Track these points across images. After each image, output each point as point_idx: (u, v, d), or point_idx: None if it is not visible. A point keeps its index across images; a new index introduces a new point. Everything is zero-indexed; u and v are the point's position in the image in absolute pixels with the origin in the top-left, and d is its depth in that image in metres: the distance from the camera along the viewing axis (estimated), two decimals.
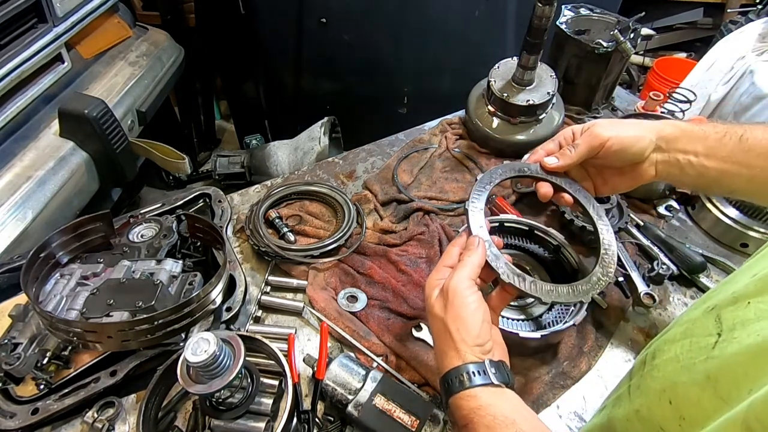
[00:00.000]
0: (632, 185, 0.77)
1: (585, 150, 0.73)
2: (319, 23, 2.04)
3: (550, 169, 0.77)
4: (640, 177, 0.75)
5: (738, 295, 0.48)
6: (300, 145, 2.10)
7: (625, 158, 0.73)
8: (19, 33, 1.41)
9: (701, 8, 3.28)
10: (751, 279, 0.48)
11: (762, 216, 0.99)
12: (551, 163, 0.76)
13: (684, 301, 0.93)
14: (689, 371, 0.48)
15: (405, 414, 0.69)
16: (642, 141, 0.71)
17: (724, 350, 0.45)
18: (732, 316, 0.47)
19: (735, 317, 0.46)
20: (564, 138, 0.78)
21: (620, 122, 0.75)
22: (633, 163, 0.74)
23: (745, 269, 0.54)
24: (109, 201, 1.80)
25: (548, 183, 0.77)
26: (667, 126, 0.73)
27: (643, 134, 0.71)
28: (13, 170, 1.35)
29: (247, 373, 0.69)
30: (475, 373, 0.58)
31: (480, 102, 1.26)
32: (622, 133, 0.71)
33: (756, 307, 0.45)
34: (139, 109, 1.77)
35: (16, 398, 0.72)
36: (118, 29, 1.87)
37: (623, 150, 0.71)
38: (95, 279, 0.81)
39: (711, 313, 0.50)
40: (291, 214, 1.06)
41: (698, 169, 0.70)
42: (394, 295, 0.91)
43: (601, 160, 0.75)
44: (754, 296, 0.46)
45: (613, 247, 0.74)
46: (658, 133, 0.72)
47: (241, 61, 2.42)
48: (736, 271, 0.58)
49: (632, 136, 0.71)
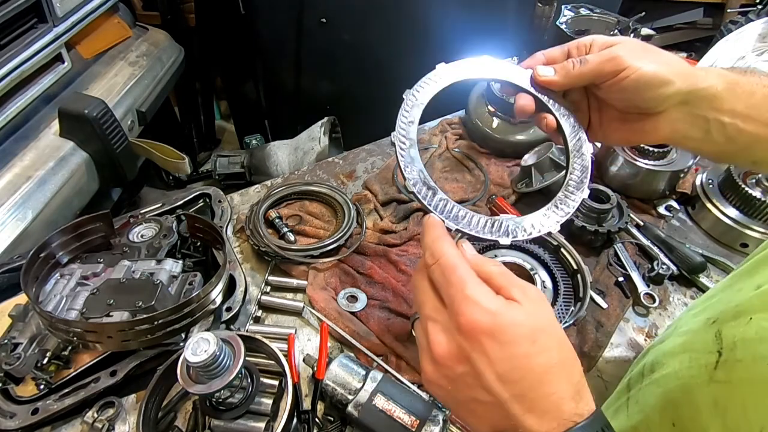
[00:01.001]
0: (632, 140, 0.62)
1: (593, 71, 0.56)
2: (319, 23, 2.04)
3: (541, 83, 0.60)
4: (645, 133, 0.59)
5: (741, 309, 0.44)
6: (300, 145, 2.10)
7: (635, 101, 0.56)
8: (19, 33, 1.41)
9: (701, 8, 3.28)
10: (755, 292, 0.45)
11: (762, 216, 0.99)
12: (544, 74, 0.59)
13: (684, 301, 0.93)
14: (692, 392, 0.45)
15: (405, 414, 0.69)
16: (667, 87, 0.54)
17: (730, 373, 0.42)
18: (733, 333, 0.44)
19: (735, 334, 0.43)
20: (577, 47, 0.59)
21: (652, 52, 0.56)
22: (642, 113, 0.58)
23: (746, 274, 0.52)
24: (109, 201, 1.80)
25: (531, 96, 0.61)
26: (710, 76, 0.55)
27: (671, 78, 0.54)
28: (13, 170, 1.35)
29: (247, 373, 0.69)
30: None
31: (480, 102, 1.26)
32: (646, 66, 0.53)
33: (758, 324, 0.41)
34: (139, 109, 1.77)
35: (16, 398, 0.72)
36: (118, 29, 1.87)
37: (637, 89, 0.54)
38: (95, 279, 0.81)
39: (711, 327, 0.47)
40: (291, 214, 1.06)
41: (729, 134, 0.55)
42: (394, 295, 0.91)
43: (604, 93, 0.58)
44: (758, 311, 0.42)
45: (574, 203, 0.58)
46: (693, 83, 0.54)
47: (241, 61, 2.41)
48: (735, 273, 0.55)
49: (657, 75, 0.53)
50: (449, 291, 0.43)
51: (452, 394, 0.43)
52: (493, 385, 0.40)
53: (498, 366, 0.40)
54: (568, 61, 0.58)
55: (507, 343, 0.40)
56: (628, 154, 1.07)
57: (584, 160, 0.60)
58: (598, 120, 0.63)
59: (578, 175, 0.59)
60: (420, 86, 0.60)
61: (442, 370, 0.43)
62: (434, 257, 0.46)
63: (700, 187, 1.08)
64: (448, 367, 0.42)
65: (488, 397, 0.40)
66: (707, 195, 1.06)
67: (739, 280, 0.52)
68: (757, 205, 0.99)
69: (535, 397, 0.39)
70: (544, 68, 0.59)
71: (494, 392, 0.40)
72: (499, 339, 0.40)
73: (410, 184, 0.54)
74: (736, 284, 0.52)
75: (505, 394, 0.39)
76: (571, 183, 0.58)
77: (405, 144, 0.56)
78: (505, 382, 0.40)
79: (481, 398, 0.41)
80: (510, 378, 0.40)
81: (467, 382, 0.41)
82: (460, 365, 0.41)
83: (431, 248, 0.47)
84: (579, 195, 0.57)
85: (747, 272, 0.52)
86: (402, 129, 0.57)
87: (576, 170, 0.59)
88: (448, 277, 0.44)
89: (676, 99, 0.55)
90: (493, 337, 0.40)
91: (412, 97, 0.59)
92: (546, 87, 0.60)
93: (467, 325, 0.41)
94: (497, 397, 0.40)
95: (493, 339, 0.40)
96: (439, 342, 0.43)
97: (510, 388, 0.40)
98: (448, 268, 0.44)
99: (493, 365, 0.40)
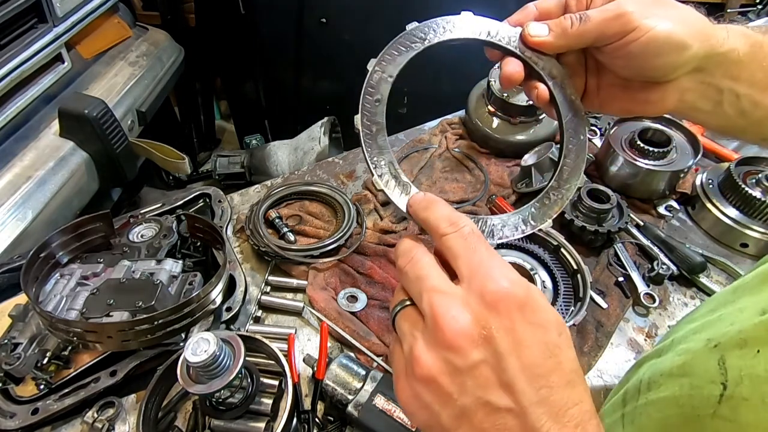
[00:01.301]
0: (633, 110, 0.54)
1: (594, 33, 0.47)
2: (319, 23, 2.04)
3: (532, 44, 0.50)
4: (649, 104, 0.51)
5: (746, 337, 0.40)
6: (300, 145, 2.10)
7: (642, 68, 0.48)
8: (19, 33, 1.41)
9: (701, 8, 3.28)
10: (760, 318, 0.40)
11: (762, 216, 0.99)
12: (537, 34, 0.49)
13: (684, 301, 0.93)
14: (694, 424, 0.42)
15: (405, 414, 0.69)
16: (681, 53, 0.46)
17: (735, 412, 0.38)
18: (739, 365, 0.40)
19: (743, 367, 0.39)
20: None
21: (666, 5, 0.47)
22: (648, 81, 0.50)
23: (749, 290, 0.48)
24: (109, 201, 1.80)
25: (520, 62, 0.51)
26: (733, 36, 0.47)
27: (688, 41, 0.45)
28: (13, 170, 1.35)
29: (247, 373, 0.68)
30: None
31: (480, 102, 1.26)
32: (660, 25, 0.45)
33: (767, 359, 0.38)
34: (139, 109, 1.77)
35: (16, 398, 0.72)
36: (118, 29, 1.87)
37: (646, 55, 0.46)
38: (95, 279, 0.81)
39: (714, 351, 0.43)
40: (291, 214, 1.06)
41: (743, 107, 0.49)
42: None
43: (607, 57, 0.49)
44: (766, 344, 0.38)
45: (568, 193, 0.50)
46: (712, 46, 0.46)
47: (241, 61, 2.42)
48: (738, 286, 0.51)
49: (672, 37, 0.45)
50: (473, 258, 0.36)
51: (450, 402, 0.33)
52: (516, 379, 0.32)
53: (526, 353, 0.32)
54: (566, 18, 0.48)
55: (539, 326, 0.33)
56: (628, 154, 1.07)
57: (581, 140, 0.51)
58: (595, 85, 0.54)
59: (573, 158, 0.51)
60: (388, 54, 0.48)
61: (448, 357, 0.33)
62: (455, 225, 0.38)
63: (700, 187, 1.08)
64: (458, 352, 0.33)
65: (505, 400, 0.32)
66: (707, 195, 1.06)
67: (743, 296, 0.48)
68: (757, 205, 0.98)
69: (561, 403, 0.32)
70: (536, 26, 0.50)
71: (516, 390, 0.32)
72: (531, 318, 0.33)
73: (378, 180, 0.44)
74: (739, 300, 0.48)
75: (528, 394, 0.31)
76: (565, 169, 0.50)
77: (371, 129, 0.45)
78: (531, 378, 0.32)
79: (494, 402, 0.32)
80: (538, 372, 0.32)
81: (481, 375, 0.32)
82: (477, 349, 0.33)
83: (449, 216, 0.39)
84: (574, 183, 0.50)
85: (751, 288, 0.48)
86: (367, 111, 0.46)
87: (572, 153, 0.51)
88: (474, 244, 0.36)
89: (690, 66, 0.47)
90: (525, 313, 0.33)
91: (379, 69, 0.47)
92: (538, 49, 0.50)
93: (497, 293, 0.33)
94: (517, 398, 0.31)
95: (525, 316, 0.33)
96: (453, 318, 0.33)
97: (536, 386, 0.32)
98: (474, 235, 0.37)
99: (521, 350, 0.32)
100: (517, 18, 0.52)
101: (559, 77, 0.52)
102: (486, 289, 0.34)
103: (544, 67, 0.51)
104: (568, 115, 0.52)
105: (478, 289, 0.34)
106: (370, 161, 0.45)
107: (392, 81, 0.48)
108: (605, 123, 1.28)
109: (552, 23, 0.49)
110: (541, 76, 0.51)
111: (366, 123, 0.45)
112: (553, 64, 0.52)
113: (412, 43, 0.50)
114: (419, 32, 0.51)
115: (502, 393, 0.32)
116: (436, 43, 0.51)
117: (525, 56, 0.51)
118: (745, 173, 1.03)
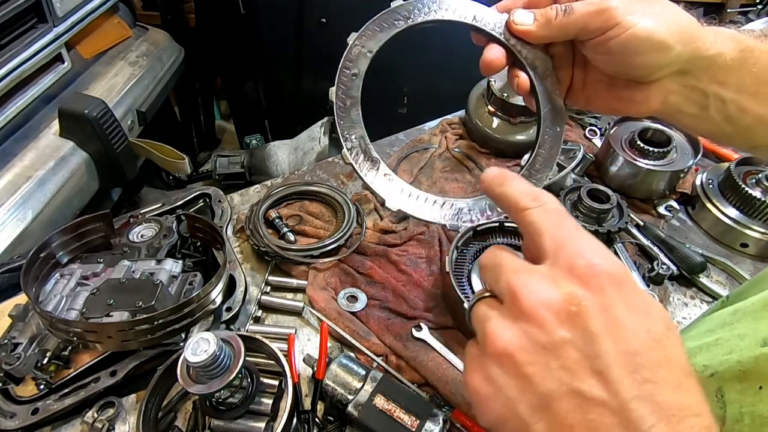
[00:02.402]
0: (617, 109, 0.53)
1: (577, 26, 0.46)
2: (319, 23, 2.04)
3: (516, 32, 0.50)
4: (633, 103, 0.50)
5: (746, 369, 0.38)
6: (300, 145, 2.10)
7: (622, 66, 0.47)
8: (19, 33, 1.41)
9: (701, 8, 3.28)
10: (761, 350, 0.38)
11: (762, 216, 0.99)
12: (521, 22, 0.49)
13: (684, 301, 0.93)
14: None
15: (405, 414, 0.69)
16: (663, 53, 0.45)
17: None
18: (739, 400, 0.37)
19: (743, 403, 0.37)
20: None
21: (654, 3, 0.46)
22: (632, 80, 0.49)
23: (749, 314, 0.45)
24: (109, 201, 1.80)
25: (504, 49, 0.51)
26: (720, 40, 0.46)
27: (669, 42, 0.44)
28: (13, 170, 1.35)
29: (247, 373, 0.68)
30: None
31: (480, 102, 1.26)
32: (642, 23, 0.44)
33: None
34: (139, 109, 1.77)
35: (16, 398, 0.72)
36: (118, 29, 1.87)
37: (626, 53, 0.45)
38: (95, 279, 0.81)
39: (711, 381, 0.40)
40: (291, 214, 1.06)
41: (729, 113, 0.47)
42: (394, 295, 0.91)
43: (589, 52, 0.48)
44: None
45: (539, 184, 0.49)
46: (697, 49, 0.45)
47: (241, 61, 2.41)
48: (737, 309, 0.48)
49: (653, 36, 0.44)
50: (559, 233, 0.32)
51: (530, 387, 0.27)
52: (612, 366, 0.26)
53: (625, 336, 0.26)
54: (552, 8, 0.47)
55: (640, 311, 0.28)
56: (627, 154, 1.07)
57: (557, 132, 0.50)
58: (581, 80, 0.53)
59: (547, 149, 0.50)
60: (370, 30, 0.48)
61: (528, 330, 0.28)
62: (538, 200, 0.35)
63: (700, 187, 1.08)
64: (541, 326, 0.28)
65: (598, 390, 0.26)
66: (707, 195, 1.06)
67: (742, 320, 0.46)
68: (757, 205, 0.99)
69: (673, 407, 0.25)
70: (522, 14, 0.49)
71: (611, 380, 0.26)
72: (631, 301, 0.28)
73: (347, 153, 0.45)
74: (738, 325, 0.45)
75: (627, 386, 0.25)
76: (539, 159, 0.49)
77: (345, 103, 0.46)
78: (631, 367, 0.26)
79: (585, 391, 0.26)
80: (639, 361, 0.26)
81: (569, 357, 0.27)
82: (564, 326, 0.27)
83: (530, 191, 0.36)
84: (546, 174, 0.49)
85: (751, 313, 0.45)
86: (343, 84, 0.46)
87: (546, 143, 0.50)
88: (559, 220, 0.33)
89: (673, 67, 0.46)
90: (623, 294, 0.28)
91: (359, 44, 0.47)
92: (522, 38, 0.50)
93: (589, 268, 0.28)
94: (614, 389, 0.25)
95: (623, 297, 0.27)
96: (535, 290, 0.29)
97: (638, 379, 0.26)
98: (560, 211, 0.34)
99: (618, 333, 0.26)
100: (505, 4, 0.51)
101: (541, 68, 0.51)
102: (575, 264, 0.29)
103: (527, 57, 0.51)
104: (547, 106, 0.51)
105: (566, 264, 0.29)
106: (341, 134, 0.45)
107: (371, 56, 0.48)
108: (605, 123, 1.28)
109: (538, 12, 0.48)
110: (524, 65, 0.51)
111: (341, 96, 0.46)
112: (536, 54, 0.51)
113: (396, 20, 0.50)
114: (403, 10, 0.50)
115: (594, 381, 0.26)
116: (420, 23, 0.50)
117: (509, 44, 0.51)
118: (745, 173, 1.03)
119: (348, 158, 0.45)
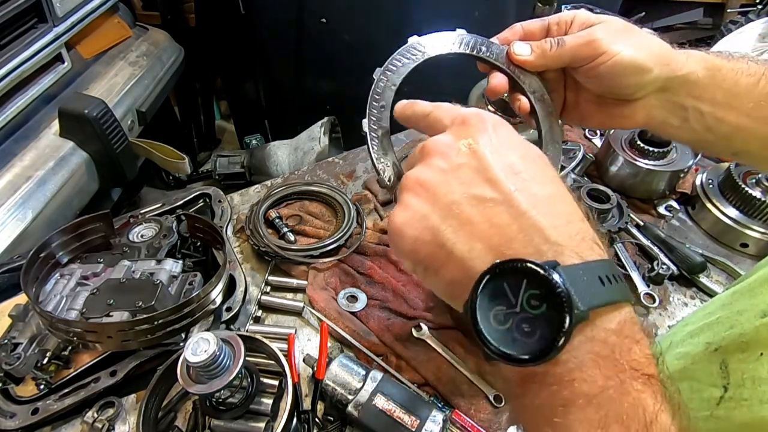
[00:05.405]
0: (608, 124, 0.61)
1: (569, 55, 0.54)
2: (319, 23, 2.04)
3: (516, 62, 0.58)
4: (622, 118, 0.58)
5: (748, 339, 0.41)
6: (300, 145, 2.10)
7: (611, 87, 0.55)
8: (19, 33, 1.41)
9: (701, 8, 3.28)
10: (761, 321, 0.41)
11: (762, 216, 0.99)
12: (520, 53, 0.57)
13: (684, 301, 0.93)
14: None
15: (405, 414, 0.69)
16: (644, 75, 0.53)
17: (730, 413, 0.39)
18: (741, 368, 0.41)
19: (745, 370, 0.40)
20: (557, 24, 0.58)
21: (633, 34, 0.54)
22: (619, 98, 0.57)
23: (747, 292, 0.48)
24: (109, 201, 1.80)
25: (506, 76, 0.59)
26: (691, 61, 0.53)
27: (649, 65, 0.52)
28: (13, 170, 1.34)
29: (247, 373, 0.69)
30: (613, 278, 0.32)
31: (480, 102, 1.25)
32: (624, 51, 0.52)
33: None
34: (139, 109, 1.77)
35: (16, 398, 0.72)
36: (118, 29, 1.87)
37: (613, 76, 0.53)
38: (95, 279, 0.81)
39: (715, 355, 0.44)
40: (291, 214, 1.06)
41: (708, 123, 0.54)
42: (394, 295, 0.91)
43: (581, 76, 0.57)
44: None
45: None
46: (672, 70, 0.53)
47: (241, 61, 2.41)
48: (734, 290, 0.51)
49: (635, 61, 0.52)
50: (456, 110, 0.42)
51: (438, 200, 0.36)
52: (500, 175, 0.35)
53: (506, 154, 0.36)
54: (546, 41, 0.56)
55: (521, 142, 0.38)
56: (628, 154, 1.07)
57: (556, 148, 0.58)
58: (574, 100, 0.61)
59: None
60: (392, 65, 0.54)
61: (433, 162, 0.38)
62: (437, 105, 0.46)
63: (700, 187, 1.08)
64: (442, 156, 0.38)
65: (489, 192, 0.35)
66: (707, 195, 1.06)
67: (740, 299, 0.49)
68: (757, 205, 0.99)
69: (539, 195, 0.34)
70: (520, 45, 0.57)
71: (499, 182, 0.34)
72: (510, 136, 0.38)
73: (383, 178, 0.50)
74: (737, 303, 0.49)
75: (510, 184, 0.34)
76: None
77: (377, 132, 0.51)
78: (512, 173, 0.35)
79: (479, 194, 0.35)
80: (518, 169, 0.35)
81: (466, 175, 0.36)
82: (460, 155, 0.37)
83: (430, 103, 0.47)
84: None
85: (748, 291, 0.49)
86: (374, 115, 0.52)
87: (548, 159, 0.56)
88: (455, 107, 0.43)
89: (653, 86, 0.54)
90: (505, 129, 0.38)
91: (384, 78, 0.53)
92: (522, 66, 0.58)
93: (476, 114, 0.39)
94: (501, 189, 0.34)
95: (506, 132, 0.38)
96: (437, 138, 0.40)
97: (517, 179, 0.35)
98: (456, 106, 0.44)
99: (502, 152, 0.36)
100: (505, 36, 0.60)
101: (539, 92, 0.59)
102: (467, 118, 0.39)
103: (526, 82, 0.58)
104: (546, 125, 0.59)
105: (461, 121, 0.39)
106: (376, 162, 0.50)
107: (395, 89, 0.54)
108: None
109: (534, 44, 0.57)
110: (524, 89, 0.58)
111: (372, 127, 0.51)
112: (534, 79, 0.59)
113: (413, 54, 0.56)
114: (419, 45, 0.57)
115: (486, 187, 0.35)
116: (434, 56, 0.57)
117: (510, 71, 0.59)
118: (745, 173, 1.03)
119: (385, 184, 0.50)
